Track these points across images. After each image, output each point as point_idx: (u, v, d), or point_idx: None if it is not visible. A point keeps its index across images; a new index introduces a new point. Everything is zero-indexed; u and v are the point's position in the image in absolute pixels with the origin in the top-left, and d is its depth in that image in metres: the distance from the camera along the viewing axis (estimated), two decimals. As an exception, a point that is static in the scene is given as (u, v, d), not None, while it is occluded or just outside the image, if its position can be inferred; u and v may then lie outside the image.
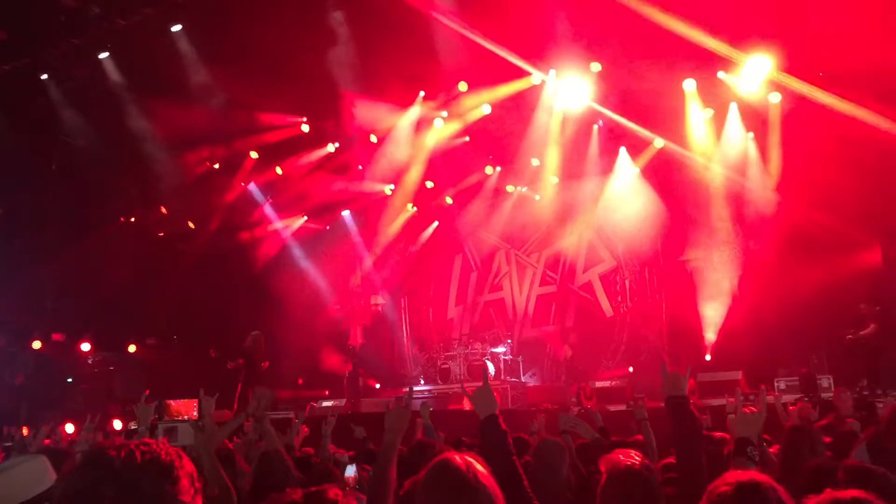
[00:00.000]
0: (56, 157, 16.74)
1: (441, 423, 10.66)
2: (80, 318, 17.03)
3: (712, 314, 14.75)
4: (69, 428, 13.08)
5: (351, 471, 4.74)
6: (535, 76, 14.69)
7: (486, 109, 15.62)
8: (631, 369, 15.60)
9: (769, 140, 14.01)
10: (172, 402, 4.58)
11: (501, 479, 3.15)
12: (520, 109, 15.47)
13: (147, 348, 18.06)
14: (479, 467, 2.69)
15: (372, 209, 18.61)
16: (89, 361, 17.54)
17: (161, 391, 15.13)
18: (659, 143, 15.36)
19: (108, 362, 17.63)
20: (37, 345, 16.31)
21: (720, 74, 13.72)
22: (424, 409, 7.03)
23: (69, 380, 17.23)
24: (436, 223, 18.80)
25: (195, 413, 4.34)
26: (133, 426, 13.95)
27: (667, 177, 15.50)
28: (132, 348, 17.86)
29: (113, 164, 16.31)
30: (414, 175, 17.24)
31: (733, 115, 14.44)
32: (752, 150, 14.52)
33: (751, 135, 14.48)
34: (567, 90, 14.85)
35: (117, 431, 13.15)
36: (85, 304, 16.72)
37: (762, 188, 14.32)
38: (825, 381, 11.78)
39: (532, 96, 15.17)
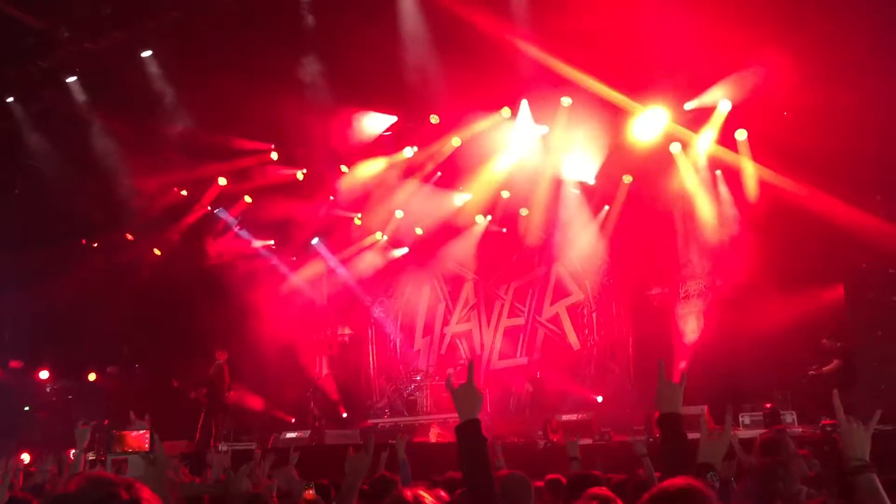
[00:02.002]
0: (19, 181, 16.50)
1: (407, 455, 10.55)
2: (38, 345, 16.69)
3: (679, 349, 14.81)
4: (25, 458, 12.77)
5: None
6: (505, 110, 14.90)
7: (457, 142, 15.80)
8: (600, 399, 15.59)
9: (742, 176, 14.17)
10: (123, 434, 4.49)
11: (475, 490, 3.04)
12: (490, 141, 15.62)
13: (107, 377, 17.72)
14: (428, 499, 2.67)
15: (341, 237, 18.53)
16: (47, 389, 17.18)
17: (121, 421, 14.86)
18: (627, 178, 15.52)
19: (66, 391, 17.27)
20: (-7, 372, 15.97)
21: (687, 106, 13.98)
22: (399, 444, 6.86)
23: (26, 408, 16.84)
24: (406, 249, 18.70)
25: (146, 445, 4.26)
26: (91, 457, 13.66)
27: (635, 211, 15.62)
28: (92, 376, 17.51)
29: (78, 189, 16.11)
30: (384, 204, 17.34)
31: (700, 150, 14.62)
32: (721, 186, 14.67)
33: (718, 172, 14.64)
34: (537, 123, 15.05)
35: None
36: (44, 330, 16.41)
37: (729, 223, 14.47)
38: (789, 416, 11.86)
39: (502, 129, 15.35)
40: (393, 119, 15.76)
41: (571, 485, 5.37)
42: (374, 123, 15.65)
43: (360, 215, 17.96)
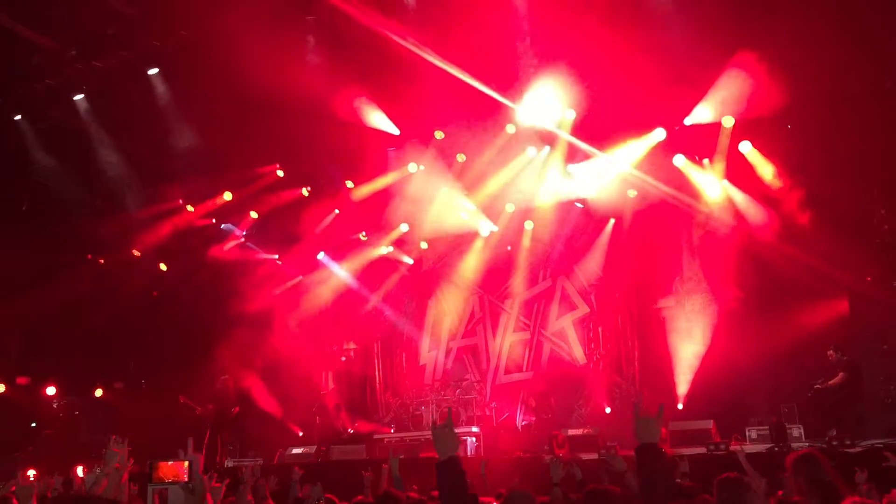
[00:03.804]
0: (27, 198, 16.59)
1: (413, 471, 10.55)
2: (45, 362, 16.73)
3: (685, 363, 14.79)
4: (31, 474, 12.76)
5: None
6: (510, 126, 15.02)
7: (461, 158, 15.93)
8: (608, 409, 15.57)
9: (747, 188, 14.19)
10: (161, 464, 4.53)
11: None
12: (495, 155, 15.74)
13: (114, 393, 17.74)
14: None
15: (347, 251, 18.57)
16: (54, 406, 17.19)
17: (128, 437, 14.82)
18: (632, 192, 15.55)
19: (73, 407, 17.29)
20: (0, 388, 15.98)
21: (687, 121, 14.06)
22: (393, 462, 7.02)
23: (33, 424, 16.86)
24: (411, 262, 18.74)
25: (185, 475, 4.31)
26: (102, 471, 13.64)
27: (641, 225, 15.65)
28: (99, 392, 17.53)
29: (84, 205, 16.20)
30: (390, 220, 17.46)
31: (705, 163, 14.64)
32: (726, 196, 14.65)
33: (725, 182, 14.64)
34: (543, 136, 15.16)
35: (81, 479, 12.85)
36: (51, 347, 16.44)
37: (735, 236, 14.48)
38: (796, 430, 11.83)
39: (508, 143, 15.48)
40: (396, 131, 15.82)
41: None
42: (378, 120, 15.61)
43: (364, 233, 18.06)
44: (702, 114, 13.87)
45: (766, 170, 13.86)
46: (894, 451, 6.62)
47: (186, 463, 4.34)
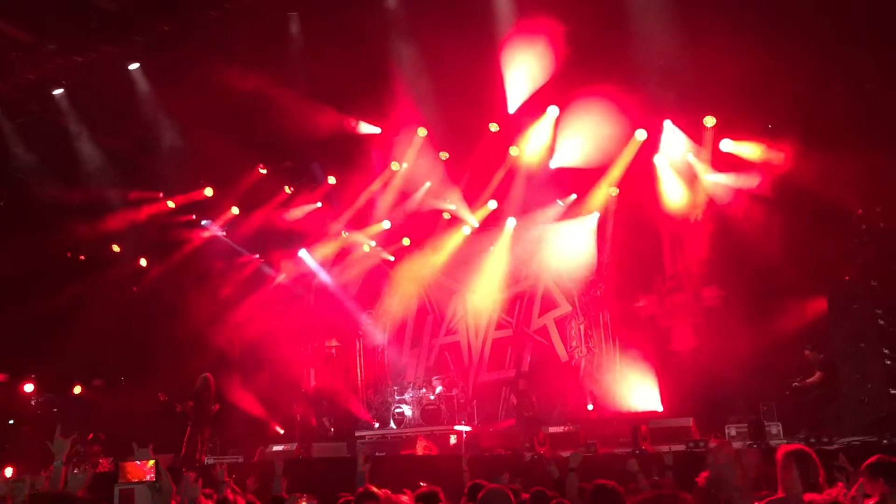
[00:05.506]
0: (5, 193, 16.44)
1: (393, 468, 10.58)
2: (23, 358, 16.58)
3: (665, 361, 14.86)
4: (8, 471, 12.68)
5: None
6: (493, 125, 15.06)
7: (444, 156, 15.95)
8: (590, 407, 15.61)
9: (728, 187, 14.27)
10: (127, 465, 4.52)
11: None
12: (478, 153, 15.77)
13: (93, 390, 17.61)
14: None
15: (328, 248, 18.54)
16: (32, 403, 17.05)
17: (107, 434, 14.78)
18: (614, 190, 15.62)
19: (52, 404, 17.15)
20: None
21: (666, 123, 14.14)
22: (359, 458, 7.16)
23: (11, 422, 16.72)
24: (392, 259, 18.72)
25: (151, 475, 4.30)
26: (76, 472, 13.55)
27: (623, 223, 15.72)
28: (77, 390, 17.40)
29: (64, 201, 16.07)
30: (371, 217, 17.47)
31: (686, 161, 14.72)
32: (708, 194, 14.71)
33: (708, 179, 14.70)
34: (527, 133, 15.21)
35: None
36: (29, 343, 16.30)
37: (714, 235, 14.55)
38: (774, 428, 11.90)
39: (491, 140, 15.51)
40: (377, 130, 15.81)
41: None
42: (360, 118, 15.61)
43: (347, 233, 18.04)
44: (682, 113, 13.96)
45: (744, 169, 13.92)
46: (870, 450, 6.68)
47: (152, 462, 4.33)
